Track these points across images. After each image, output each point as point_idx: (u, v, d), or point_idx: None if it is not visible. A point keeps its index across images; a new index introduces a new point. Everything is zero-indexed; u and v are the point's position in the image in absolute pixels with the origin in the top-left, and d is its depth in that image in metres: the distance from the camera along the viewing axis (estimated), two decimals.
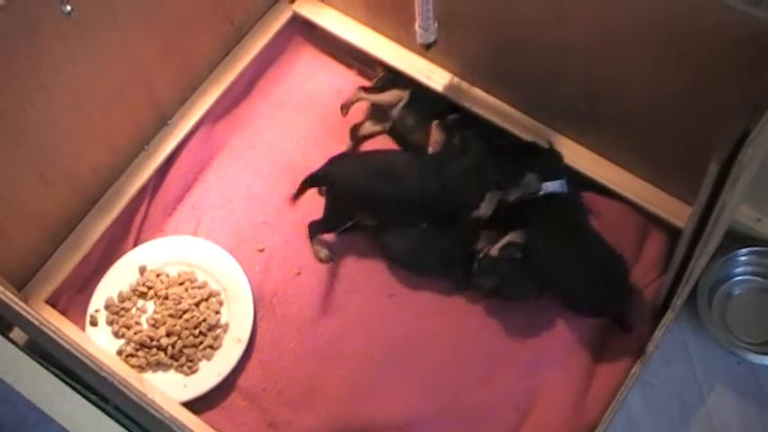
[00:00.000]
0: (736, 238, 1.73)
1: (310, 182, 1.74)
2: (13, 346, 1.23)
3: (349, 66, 1.96)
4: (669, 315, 1.55)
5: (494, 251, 1.63)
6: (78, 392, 1.19)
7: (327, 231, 1.75)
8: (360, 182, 1.70)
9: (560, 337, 1.63)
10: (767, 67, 1.26)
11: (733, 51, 1.31)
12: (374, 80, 1.90)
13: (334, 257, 1.74)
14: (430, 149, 1.77)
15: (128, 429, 1.13)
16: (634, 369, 1.54)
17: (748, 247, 1.74)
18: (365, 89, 1.87)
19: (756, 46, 1.27)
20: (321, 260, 1.74)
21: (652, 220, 1.70)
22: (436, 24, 1.66)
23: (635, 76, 1.51)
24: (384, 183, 1.69)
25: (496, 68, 1.72)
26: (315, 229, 1.75)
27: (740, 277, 1.77)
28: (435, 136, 1.77)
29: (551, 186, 1.61)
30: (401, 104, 1.81)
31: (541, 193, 1.61)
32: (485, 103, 1.79)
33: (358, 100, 1.86)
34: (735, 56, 1.32)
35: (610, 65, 1.52)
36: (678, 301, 1.54)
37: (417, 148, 1.80)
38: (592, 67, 1.56)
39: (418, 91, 1.83)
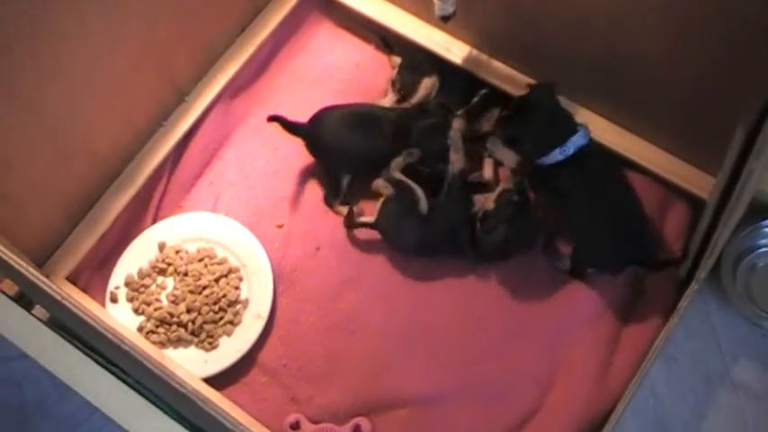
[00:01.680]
0: (760, 209, 1.71)
1: (287, 127, 1.78)
2: (35, 320, 1.23)
3: (366, 39, 1.94)
4: (693, 287, 1.53)
5: (489, 204, 1.63)
6: (100, 365, 1.19)
7: (335, 195, 1.76)
8: (333, 134, 1.74)
9: (582, 309, 1.62)
10: None
11: (756, 18, 1.29)
12: (395, 84, 1.85)
13: (360, 214, 1.74)
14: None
15: (149, 401, 1.14)
16: (657, 342, 1.52)
17: None
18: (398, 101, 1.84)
19: None
20: (346, 217, 1.74)
21: (674, 192, 1.69)
22: None
23: (656, 45, 1.49)
24: (357, 134, 1.72)
25: (516, 40, 1.70)
26: (327, 200, 1.77)
27: (765, 249, 1.75)
28: (457, 124, 1.75)
29: (577, 141, 1.56)
30: (434, 92, 1.79)
31: (570, 152, 1.56)
32: (504, 75, 1.77)
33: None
34: (759, 22, 1.29)
35: (629, 35, 1.50)
36: (702, 273, 1.52)
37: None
38: (611, 38, 1.53)
39: (446, 72, 1.81)
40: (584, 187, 1.59)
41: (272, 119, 1.78)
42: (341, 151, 1.75)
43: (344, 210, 1.75)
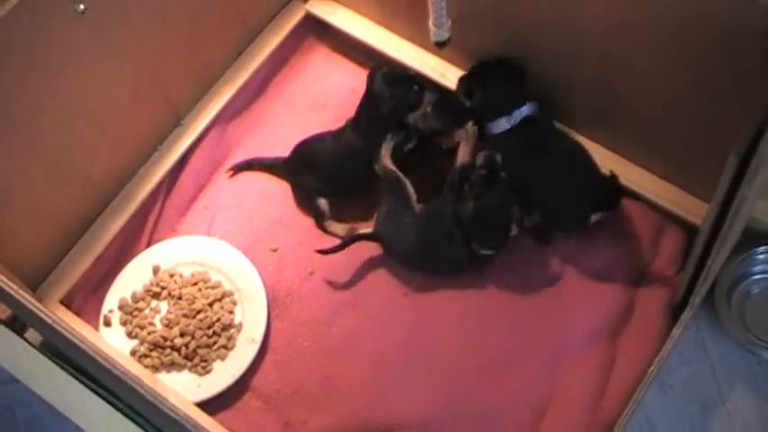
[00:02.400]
0: (754, 236, 1.71)
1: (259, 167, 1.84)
2: (27, 345, 1.23)
3: (362, 65, 1.95)
4: (687, 313, 1.53)
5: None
6: (92, 390, 1.19)
7: (321, 217, 1.76)
8: (300, 161, 1.79)
9: (576, 335, 1.62)
10: None
11: (749, 45, 1.30)
12: None
13: (354, 230, 1.74)
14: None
15: (141, 428, 1.13)
16: (651, 368, 1.52)
17: (767, 245, 1.72)
18: None
19: None
20: (343, 237, 1.74)
21: (668, 218, 1.69)
22: (450, 22, 1.65)
23: (650, 72, 1.50)
24: (321, 157, 1.76)
25: None
26: (318, 224, 1.77)
27: (759, 276, 1.75)
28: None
29: (524, 111, 1.62)
30: (428, 109, 1.80)
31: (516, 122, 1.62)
32: None
33: None
34: (751, 49, 1.30)
35: (625, 61, 1.51)
36: (696, 299, 1.52)
37: (438, 151, 1.79)
38: (607, 64, 1.54)
39: (441, 94, 1.81)
40: (531, 152, 1.63)
41: (237, 168, 1.85)
42: (308, 176, 1.78)
43: (339, 228, 1.75)
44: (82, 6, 1.43)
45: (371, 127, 1.70)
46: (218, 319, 1.67)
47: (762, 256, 1.73)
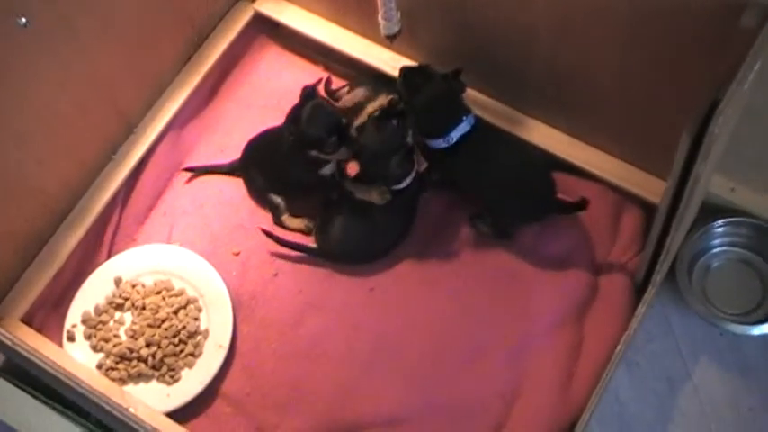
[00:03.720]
0: (711, 210, 1.73)
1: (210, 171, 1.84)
2: None
3: (314, 62, 1.94)
4: (650, 291, 1.55)
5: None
6: (58, 411, 1.17)
7: (277, 213, 1.76)
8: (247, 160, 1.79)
9: (542, 320, 1.62)
10: (731, 39, 1.26)
11: (697, 26, 1.31)
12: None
13: (310, 225, 1.75)
14: None
15: None
16: (618, 348, 1.53)
17: (724, 218, 1.74)
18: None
19: (719, 19, 1.26)
20: (302, 231, 1.75)
21: (627, 198, 1.70)
22: (399, 14, 1.65)
23: (602, 56, 1.51)
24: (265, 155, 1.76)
25: (463, 55, 1.71)
26: (275, 220, 1.77)
27: (717, 249, 1.77)
28: None
29: (462, 129, 1.59)
30: (367, 103, 1.79)
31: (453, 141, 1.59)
32: None
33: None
34: (700, 30, 1.31)
35: (576, 47, 1.52)
36: (658, 276, 1.54)
37: None
38: (558, 50, 1.55)
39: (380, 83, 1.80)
40: (474, 163, 1.62)
41: (194, 171, 1.84)
42: (257, 174, 1.78)
43: (296, 222, 1.75)
44: (24, 19, 1.40)
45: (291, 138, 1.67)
46: (184, 327, 1.66)
47: (719, 230, 1.76)
